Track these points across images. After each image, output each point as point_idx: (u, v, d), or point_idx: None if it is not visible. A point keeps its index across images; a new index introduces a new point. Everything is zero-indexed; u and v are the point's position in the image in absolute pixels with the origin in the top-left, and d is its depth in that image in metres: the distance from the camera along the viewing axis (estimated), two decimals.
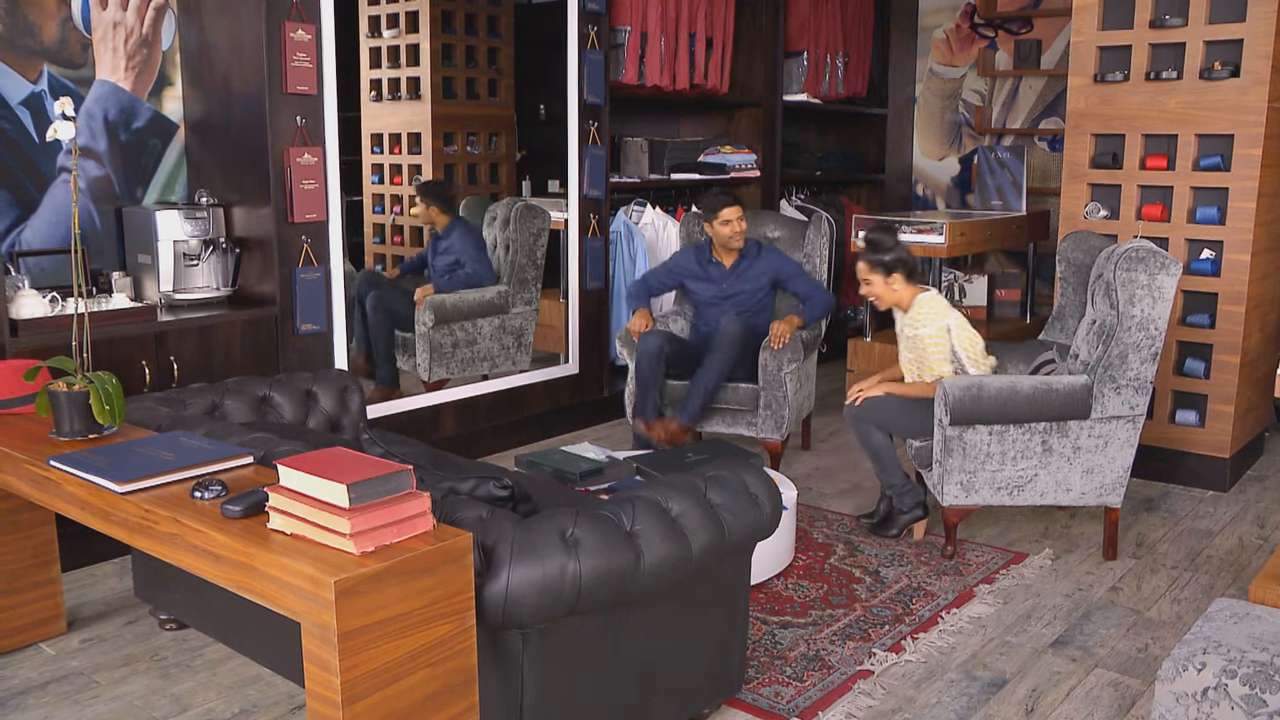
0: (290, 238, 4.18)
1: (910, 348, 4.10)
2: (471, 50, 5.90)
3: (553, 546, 2.13)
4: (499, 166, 6.05)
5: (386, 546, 1.95)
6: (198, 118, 4.35)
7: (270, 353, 4.16)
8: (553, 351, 5.60)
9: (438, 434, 4.85)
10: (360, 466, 1.99)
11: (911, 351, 4.09)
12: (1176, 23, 4.59)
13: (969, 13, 7.44)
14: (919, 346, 4.02)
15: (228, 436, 2.75)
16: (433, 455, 2.73)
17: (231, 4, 4.11)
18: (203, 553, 2.06)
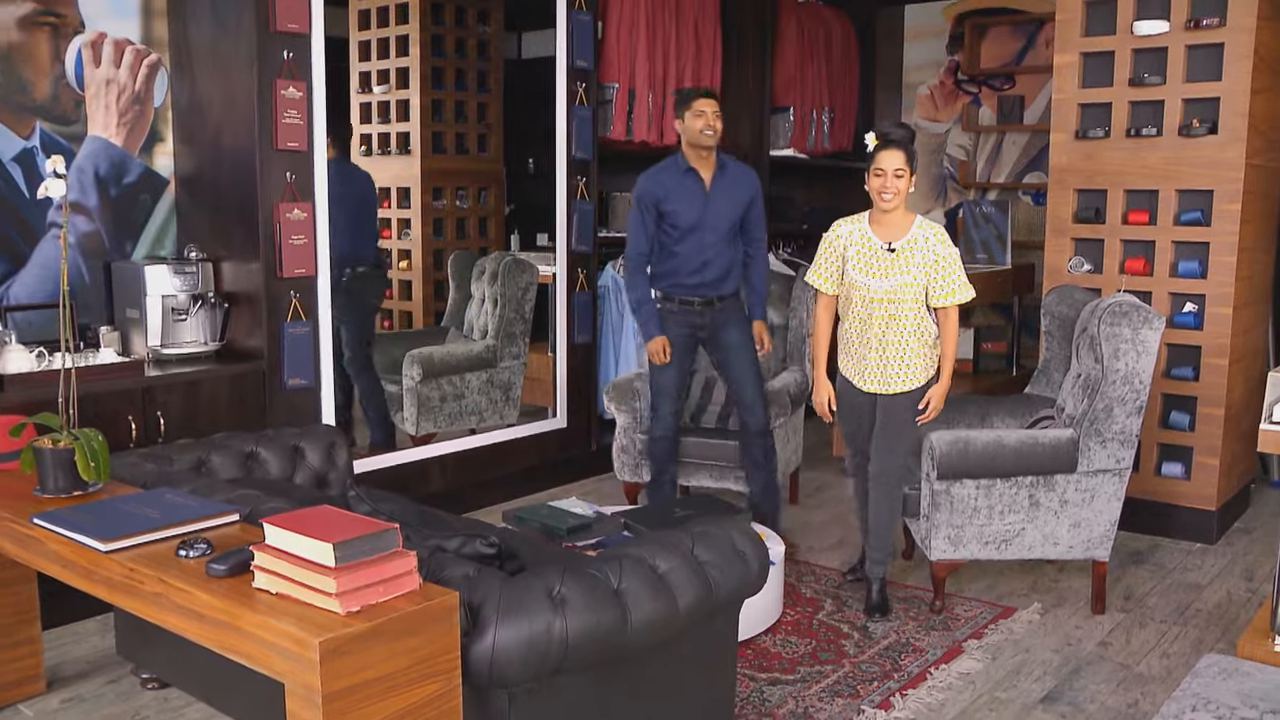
0: (279, 292, 4.19)
1: (915, 272, 3.70)
2: (461, 105, 5.97)
3: (539, 605, 2.12)
4: (488, 220, 6.10)
5: (372, 606, 1.94)
6: (188, 173, 4.38)
7: (258, 408, 4.15)
8: (540, 405, 5.60)
9: (425, 489, 4.84)
10: (346, 525, 1.99)
11: (914, 276, 3.70)
12: (1155, 81, 4.67)
13: (952, 69, 7.55)
14: (941, 269, 3.71)
15: (214, 493, 2.74)
16: (420, 512, 2.72)
17: (224, 62, 4.15)
18: (187, 612, 2.05)
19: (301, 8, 4.11)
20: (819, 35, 7.22)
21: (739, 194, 4.38)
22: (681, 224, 4.32)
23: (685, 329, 4.39)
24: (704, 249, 4.33)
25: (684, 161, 4.33)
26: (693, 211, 4.31)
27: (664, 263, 4.40)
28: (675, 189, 4.32)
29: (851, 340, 3.86)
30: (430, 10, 5.69)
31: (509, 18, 6.03)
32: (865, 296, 3.75)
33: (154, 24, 4.32)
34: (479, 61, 6.04)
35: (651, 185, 4.35)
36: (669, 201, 4.32)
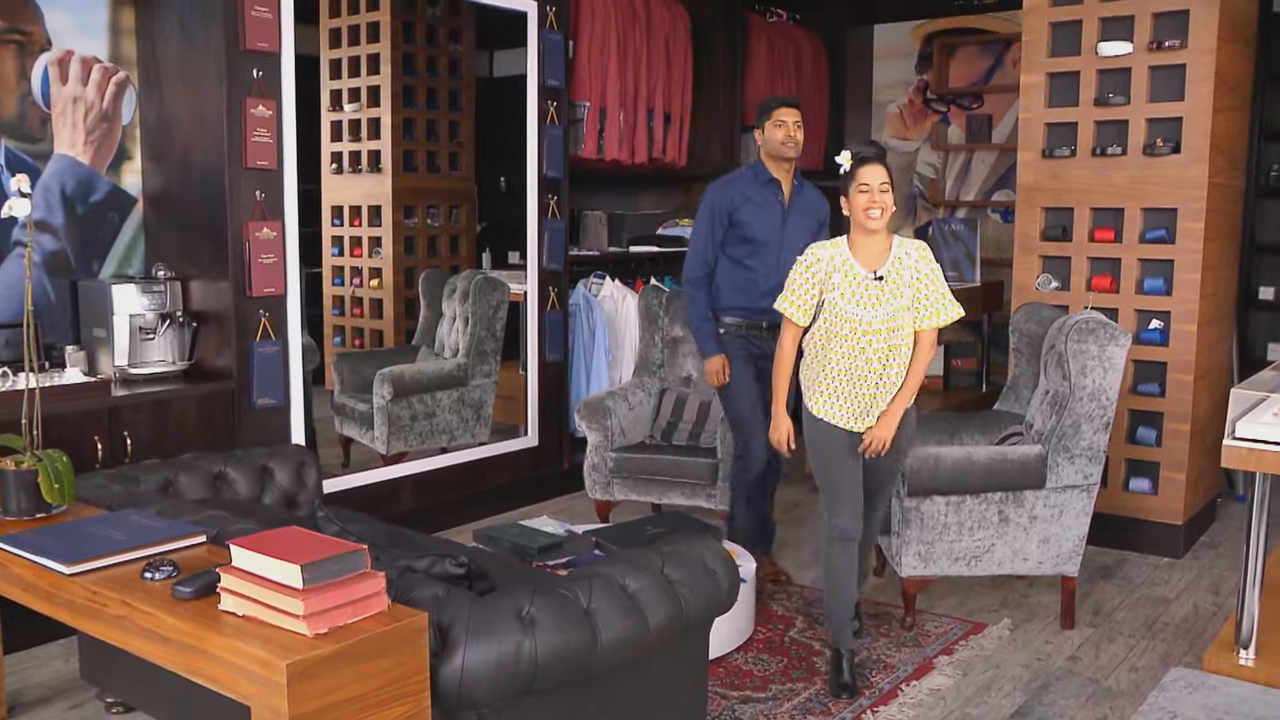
0: (248, 311, 4.17)
1: (908, 296, 3.38)
2: (433, 124, 5.96)
3: (509, 625, 2.12)
4: (459, 238, 6.09)
5: (340, 628, 1.93)
6: (156, 191, 4.36)
7: (226, 427, 4.12)
8: (512, 424, 5.59)
9: (396, 508, 4.81)
10: (314, 546, 1.97)
11: (907, 301, 3.38)
12: (1119, 101, 4.73)
13: (922, 88, 7.62)
14: (924, 287, 3.40)
15: (181, 514, 2.72)
16: (389, 532, 2.71)
17: (193, 80, 4.14)
18: (152, 635, 2.03)
19: (271, 26, 4.11)
20: (789, 54, 7.27)
21: (811, 216, 4.20)
22: (757, 236, 4.11)
23: (744, 356, 4.17)
24: (780, 267, 3.96)
25: (764, 170, 4.14)
26: (770, 224, 4.11)
27: (729, 280, 4.16)
28: (753, 197, 4.12)
29: (838, 377, 3.40)
30: (402, 29, 5.69)
31: (480, 36, 6.04)
32: (857, 329, 3.34)
33: (122, 42, 4.30)
34: (450, 80, 6.04)
35: (726, 191, 4.16)
36: (745, 210, 4.10)
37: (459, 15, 5.85)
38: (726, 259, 4.18)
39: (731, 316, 4.20)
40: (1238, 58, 4.84)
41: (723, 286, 4.20)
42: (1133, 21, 4.68)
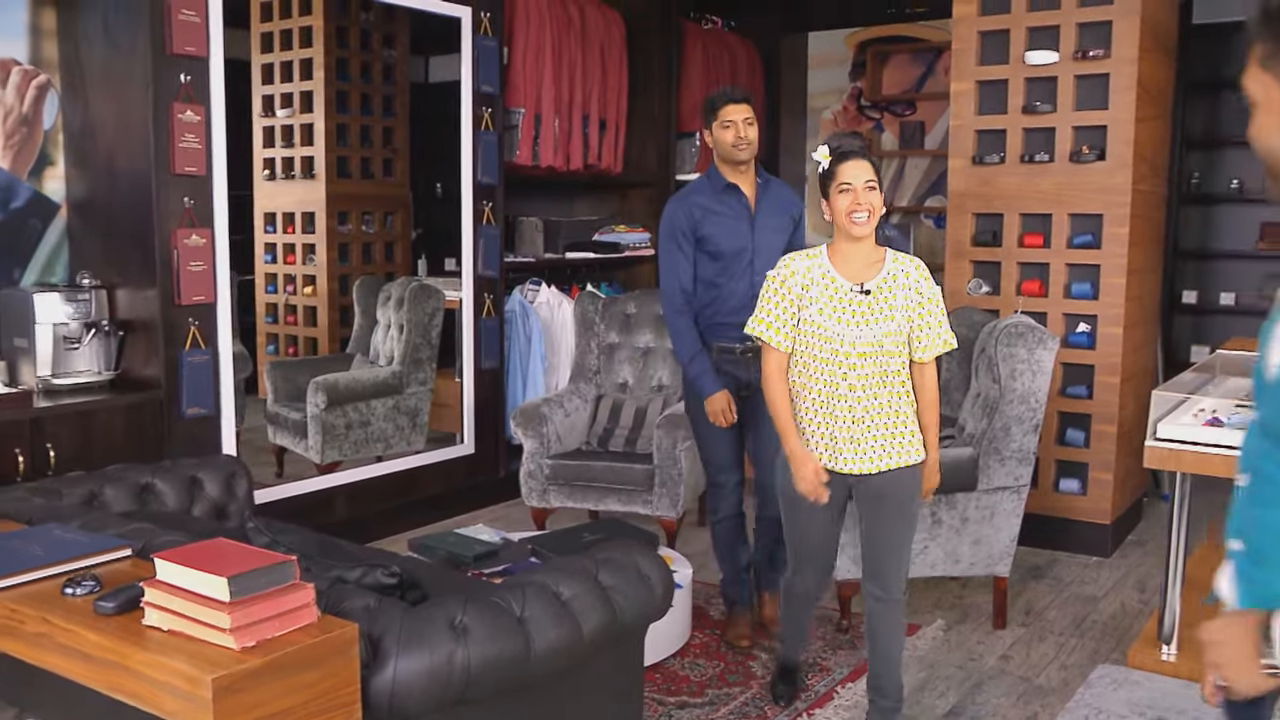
0: (177, 320, 4.09)
1: (899, 317, 2.94)
2: (367, 130, 5.92)
3: (441, 635, 2.10)
4: (394, 245, 6.04)
5: (268, 640, 1.90)
6: (81, 198, 4.27)
7: (155, 438, 4.04)
8: (448, 431, 5.55)
9: (330, 518, 4.75)
10: (241, 558, 1.94)
11: (898, 322, 2.93)
12: (1046, 109, 4.82)
13: (855, 95, 7.71)
14: (927, 312, 2.97)
15: (105, 528, 2.66)
16: (321, 543, 2.67)
17: (117, 84, 4.06)
18: (72, 652, 1.98)
19: (199, 31, 4.04)
20: (724, 61, 7.31)
21: (782, 214, 3.79)
22: (725, 250, 3.68)
23: (727, 385, 3.71)
24: (754, 280, 3.58)
25: (720, 177, 3.73)
26: (738, 234, 3.69)
27: (702, 300, 3.76)
28: (714, 208, 3.70)
29: (815, 407, 2.96)
30: (335, 34, 5.64)
31: (415, 42, 6.00)
32: (838, 350, 2.90)
33: (43, 44, 4.20)
34: (385, 85, 6.00)
35: (683, 207, 3.73)
36: (708, 224, 3.69)
37: (393, 20, 5.81)
38: (697, 281, 3.76)
39: (705, 341, 3.77)
40: (1159, 67, 4.96)
41: (695, 310, 3.80)
42: (1058, 31, 4.77)
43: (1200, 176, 6.89)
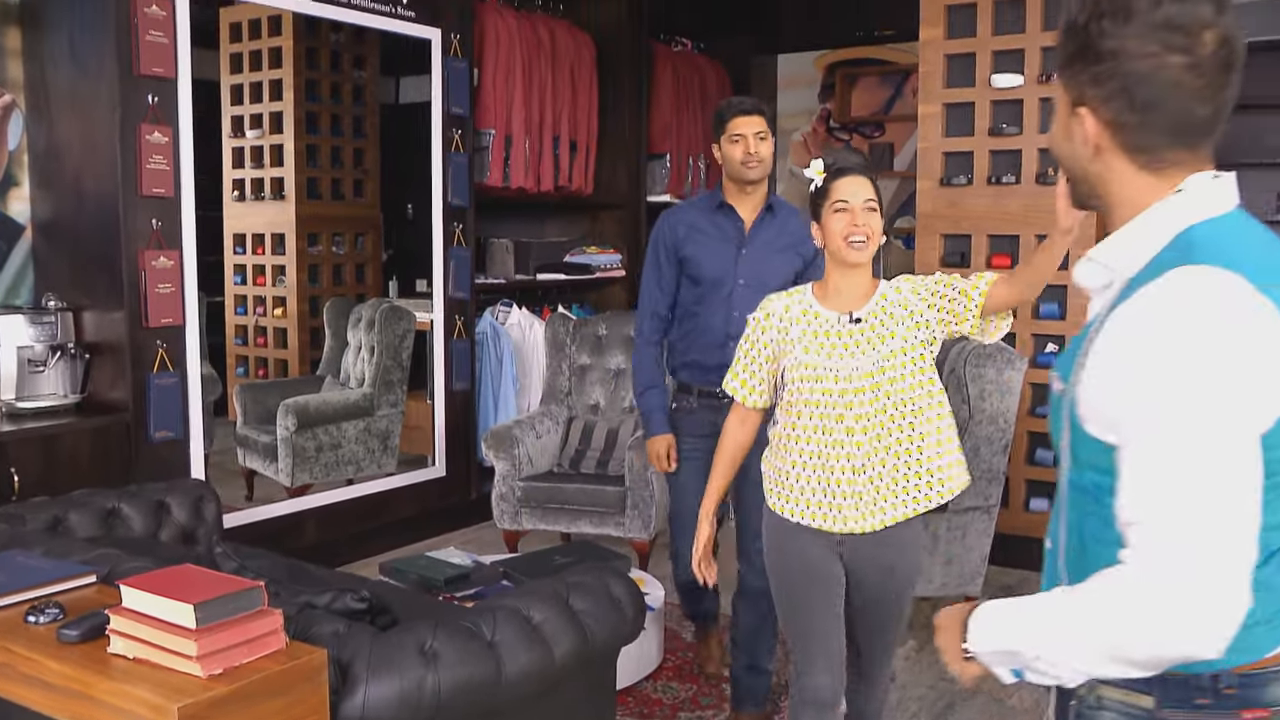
0: (145, 342, 4.06)
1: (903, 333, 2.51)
2: (337, 151, 5.91)
3: (411, 660, 2.08)
4: (365, 267, 6.03)
5: (236, 668, 1.87)
6: (46, 219, 4.23)
7: (122, 462, 4.00)
8: (419, 454, 5.52)
9: (300, 542, 4.71)
10: (208, 584, 1.92)
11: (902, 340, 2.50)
12: (1012, 131, 4.88)
13: (825, 117, 7.77)
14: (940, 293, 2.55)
15: (69, 554, 2.62)
16: (290, 568, 2.65)
17: (84, 105, 4.03)
18: (34, 682, 1.95)
19: (167, 51, 4.03)
20: (694, 83, 7.35)
21: (787, 249, 3.31)
22: (704, 275, 3.32)
23: (705, 435, 3.21)
24: (731, 314, 3.21)
25: (719, 195, 3.38)
26: (720, 259, 3.29)
27: (679, 331, 3.41)
28: (701, 227, 3.35)
29: (806, 460, 2.51)
30: (304, 54, 5.63)
31: (385, 63, 6.00)
32: (830, 389, 2.47)
33: (7, 64, 4.17)
34: (355, 106, 5.99)
35: (669, 223, 3.41)
36: (691, 243, 3.33)
37: (363, 42, 5.81)
38: (679, 308, 3.43)
39: (682, 381, 3.42)
40: None
41: (672, 341, 3.46)
42: (1023, 55, 4.83)
43: None
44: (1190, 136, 1.30)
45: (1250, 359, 1.19)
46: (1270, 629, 1.31)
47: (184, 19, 4.09)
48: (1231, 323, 1.19)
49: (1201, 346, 1.19)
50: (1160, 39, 1.25)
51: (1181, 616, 1.17)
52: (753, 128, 3.27)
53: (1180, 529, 1.17)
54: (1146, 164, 1.32)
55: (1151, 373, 1.21)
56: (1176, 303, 1.21)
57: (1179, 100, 1.27)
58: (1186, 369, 1.19)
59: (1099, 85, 1.30)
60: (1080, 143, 1.35)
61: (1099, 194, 1.39)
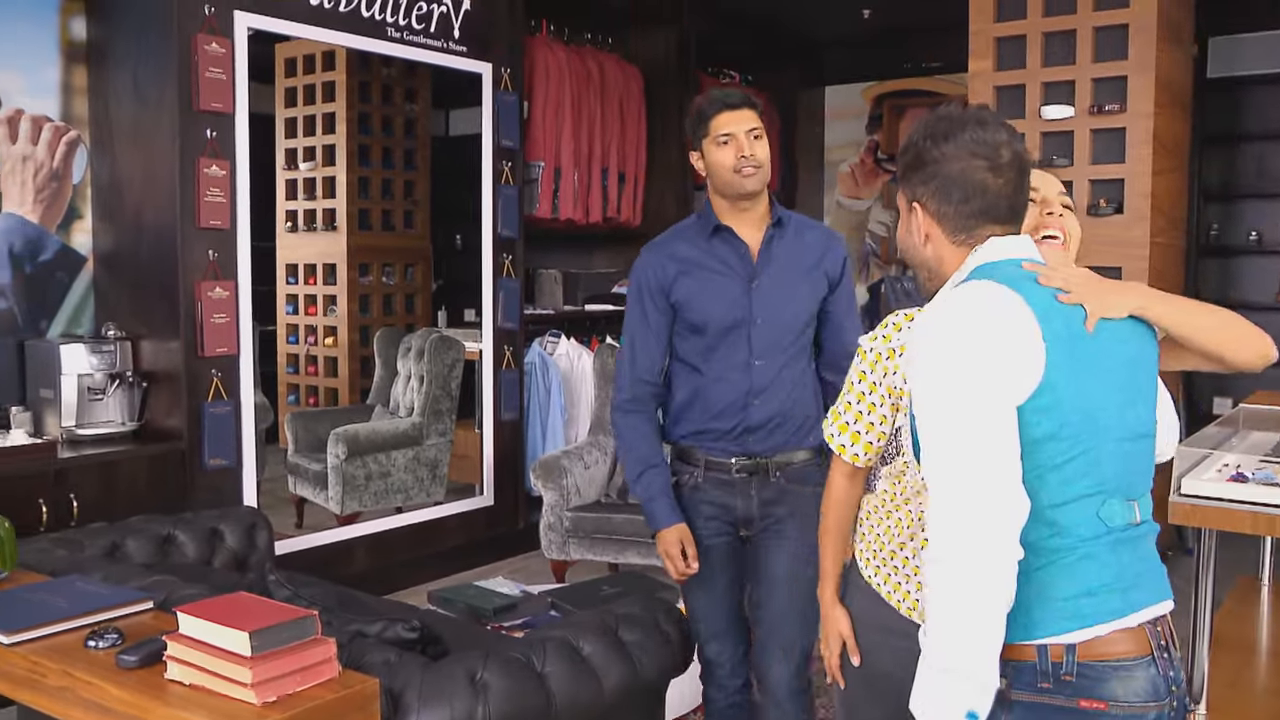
0: (200, 371, 4.13)
1: None
2: (388, 183, 5.99)
3: (461, 690, 2.09)
4: (415, 297, 6.10)
5: (289, 696, 1.89)
6: (107, 250, 4.32)
7: (177, 489, 4.06)
8: (467, 483, 5.55)
9: (350, 569, 4.75)
10: (263, 612, 1.94)
11: None
12: (1063, 163, 4.85)
13: (872, 148, 7.77)
14: None
15: (127, 580, 2.67)
16: (341, 596, 2.68)
17: (145, 139, 4.13)
18: (94, 706, 1.98)
19: (225, 87, 4.12)
20: None
21: (811, 268, 2.64)
22: (710, 321, 2.58)
23: (717, 519, 2.62)
24: (750, 366, 2.58)
25: (711, 217, 2.62)
26: (727, 297, 2.58)
27: (682, 395, 2.65)
28: (697, 261, 2.61)
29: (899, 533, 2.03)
30: (357, 88, 5.74)
31: (436, 96, 6.10)
32: None
33: (74, 101, 4.28)
34: (406, 139, 6.08)
35: (656, 259, 2.64)
36: (684, 284, 2.59)
37: (415, 75, 5.91)
38: (675, 362, 2.68)
39: (684, 447, 2.67)
40: (1175, 121, 4.99)
41: (672, 406, 2.69)
42: (1074, 86, 4.81)
43: (1219, 228, 6.89)
44: (998, 216, 1.65)
45: (991, 334, 1.50)
46: (1095, 601, 1.52)
47: (242, 55, 4.18)
48: (976, 309, 1.52)
49: (951, 330, 1.53)
50: (969, 149, 1.63)
51: (963, 560, 1.44)
52: (744, 124, 2.55)
53: (948, 486, 1.48)
54: (963, 242, 1.66)
55: (919, 357, 1.56)
56: (939, 305, 1.59)
57: (984, 194, 1.63)
58: (939, 348, 1.53)
59: (926, 184, 1.67)
60: (916, 233, 1.70)
61: (934, 270, 1.70)
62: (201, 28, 4.03)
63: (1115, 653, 1.52)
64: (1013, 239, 1.66)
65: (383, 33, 4.76)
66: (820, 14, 7.08)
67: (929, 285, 1.72)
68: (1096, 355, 1.57)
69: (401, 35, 4.85)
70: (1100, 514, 1.54)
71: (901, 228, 1.75)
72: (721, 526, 2.63)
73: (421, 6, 4.91)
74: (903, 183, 1.73)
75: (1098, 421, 1.55)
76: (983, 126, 1.66)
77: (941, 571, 1.47)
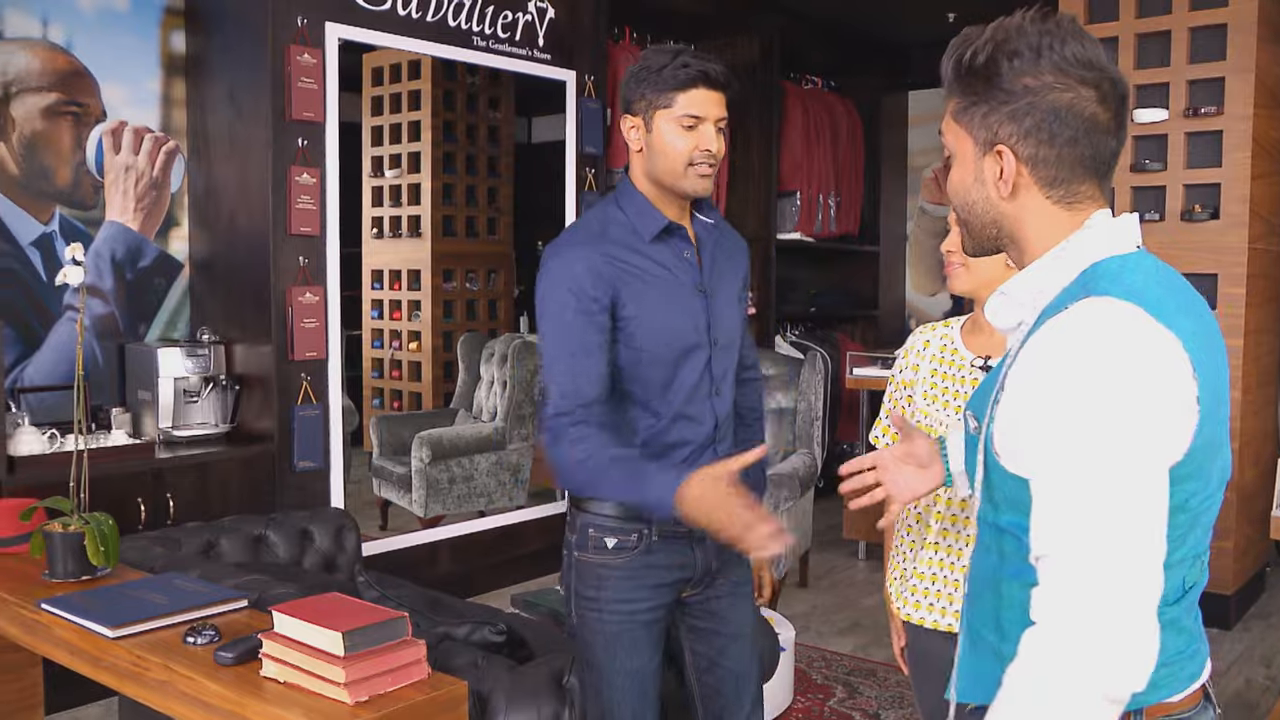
0: (290, 375, 4.22)
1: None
2: (472, 189, 6.06)
3: (548, 694, 2.11)
4: (497, 302, 6.16)
5: (380, 696, 1.92)
6: (203, 257, 4.44)
7: (267, 490, 4.16)
8: (549, 488, 5.59)
9: (434, 572, 4.81)
10: (356, 613, 1.98)
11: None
12: (1156, 167, 4.73)
13: None
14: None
15: (221, 578, 2.74)
16: (428, 598, 2.71)
17: (240, 149, 4.23)
18: (193, 700, 2.03)
19: (316, 97, 4.20)
20: (825, 120, 7.34)
21: (735, 274, 2.21)
22: (660, 344, 2.07)
23: (667, 585, 2.16)
24: (717, 391, 2.15)
25: (650, 210, 2.09)
26: (683, 314, 2.09)
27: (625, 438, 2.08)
28: (639, 266, 2.06)
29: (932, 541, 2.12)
30: (442, 97, 5.81)
31: (520, 104, 6.15)
32: None
33: (173, 112, 4.41)
34: (489, 146, 6.15)
35: (588, 261, 2.02)
36: (630, 292, 2.04)
37: (498, 83, 5.97)
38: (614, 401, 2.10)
39: (613, 509, 2.11)
40: (1275, 124, 4.84)
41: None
42: (1168, 89, 4.69)
43: None
44: (1100, 169, 1.33)
45: (1153, 389, 1.19)
46: (1171, 670, 1.30)
47: (333, 66, 4.27)
48: (1135, 353, 1.19)
49: (1107, 377, 1.18)
50: (1075, 75, 1.28)
51: (1098, 655, 1.15)
52: (715, 110, 2.08)
53: (1088, 563, 1.16)
54: (1061, 198, 1.32)
55: (1060, 403, 1.20)
56: (1081, 333, 1.21)
57: (1094, 132, 1.30)
58: (1093, 399, 1.18)
59: (1016, 121, 1.30)
60: (994, 183, 1.34)
61: (1007, 232, 1.37)
62: (294, 39, 4.13)
63: (1177, 707, 1.34)
64: (1125, 220, 1.35)
65: (469, 42, 4.82)
66: (905, 18, 7.01)
67: (994, 245, 1.40)
68: (1222, 392, 1.30)
69: (487, 44, 4.91)
70: (1186, 577, 1.32)
71: (960, 174, 1.38)
72: (667, 595, 2.15)
73: (507, 15, 4.97)
74: (968, 117, 1.34)
75: (1217, 482, 1.30)
76: (1083, 42, 1.29)
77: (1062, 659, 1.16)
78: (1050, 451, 1.21)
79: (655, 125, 2.06)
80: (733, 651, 2.24)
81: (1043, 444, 1.22)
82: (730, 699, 2.24)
